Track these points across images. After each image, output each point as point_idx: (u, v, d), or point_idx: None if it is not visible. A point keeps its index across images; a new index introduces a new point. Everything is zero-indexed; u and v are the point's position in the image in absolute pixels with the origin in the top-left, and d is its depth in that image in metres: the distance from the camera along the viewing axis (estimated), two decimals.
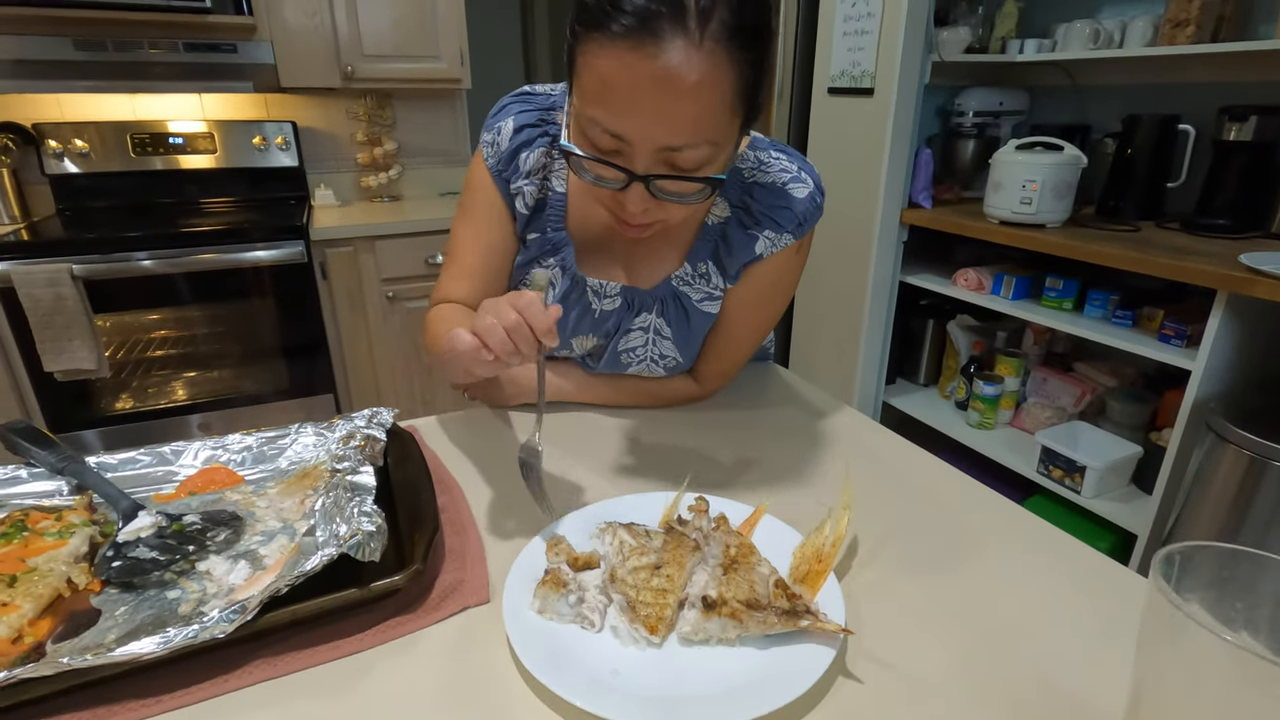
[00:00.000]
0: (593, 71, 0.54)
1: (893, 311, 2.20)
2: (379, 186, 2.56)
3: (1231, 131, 1.63)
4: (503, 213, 0.78)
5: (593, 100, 0.56)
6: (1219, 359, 1.44)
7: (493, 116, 0.76)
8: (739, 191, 0.75)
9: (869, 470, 0.74)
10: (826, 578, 0.53)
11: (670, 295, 0.79)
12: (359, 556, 0.49)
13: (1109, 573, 0.58)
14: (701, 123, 0.55)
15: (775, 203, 0.74)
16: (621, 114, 0.54)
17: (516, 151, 0.75)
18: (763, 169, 0.75)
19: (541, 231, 0.78)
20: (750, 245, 0.76)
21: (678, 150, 0.56)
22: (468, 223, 0.80)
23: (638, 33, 0.51)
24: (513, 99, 0.76)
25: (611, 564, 0.54)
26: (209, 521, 0.61)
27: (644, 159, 0.57)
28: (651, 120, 0.54)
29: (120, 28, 2.00)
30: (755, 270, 0.78)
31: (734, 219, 0.76)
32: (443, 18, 2.27)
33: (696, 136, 0.55)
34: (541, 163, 0.76)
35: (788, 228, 0.75)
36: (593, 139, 0.58)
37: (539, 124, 0.75)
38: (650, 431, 0.81)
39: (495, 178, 0.76)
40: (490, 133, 0.76)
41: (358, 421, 0.73)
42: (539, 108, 0.75)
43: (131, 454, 0.69)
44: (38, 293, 1.74)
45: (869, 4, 1.93)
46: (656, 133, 0.55)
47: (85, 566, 0.55)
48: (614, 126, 0.55)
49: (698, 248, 0.78)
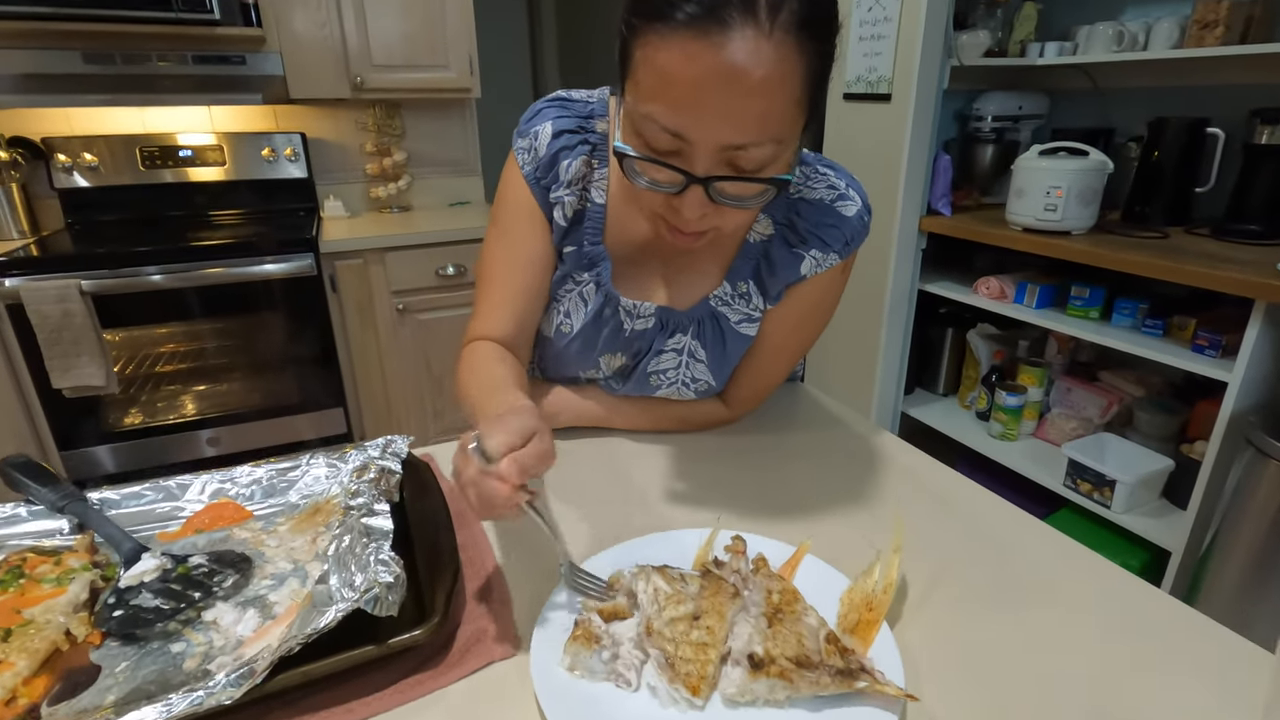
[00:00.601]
0: (651, 65, 0.50)
1: (911, 320, 2.16)
2: (388, 197, 2.54)
3: (1264, 135, 1.58)
4: (541, 223, 0.73)
5: (650, 96, 0.51)
6: (1257, 370, 1.39)
7: (527, 122, 0.72)
8: (784, 208, 0.71)
9: (912, 500, 0.70)
10: (879, 628, 0.49)
11: (708, 316, 0.75)
12: (375, 612, 0.45)
13: (1178, 616, 0.54)
14: (768, 119, 0.50)
15: (823, 220, 0.70)
16: (683, 110, 0.50)
17: (556, 158, 0.70)
18: (809, 184, 0.71)
19: (578, 245, 0.74)
20: (795, 265, 0.72)
21: (742, 149, 0.51)
22: (502, 240, 0.75)
23: (703, 21, 0.46)
24: (548, 104, 0.72)
25: (647, 614, 0.50)
26: (216, 563, 0.57)
27: (704, 159, 0.52)
28: (715, 117, 0.50)
29: (129, 40, 1.98)
30: (797, 291, 0.74)
31: (778, 236, 0.72)
32: (452, 27, 2.25)
33: (762, 134, 0.51)
34: (582, 172, 0.71)
35: (834, 247, 0.71)
36: (649, 139, 0.53)
37: (578, 130, 0.70)
38: (677, 460, 0.77)
39: (533, 185, 0.71)
40: (526, 138, 0.71)
41: (371, 451, 0.70)
42: (577, 115, 0.71)
43: (136, 489, 0.66)
44: (46, 309, 1.72)
45: (885, 8, 1.90)
46: (720, 130, 0.50)
47: (85, 616, 0.52)
48: (674, 124, 0.51)
49: (739, 265, 0.73)
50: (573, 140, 0.70)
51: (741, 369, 0.80)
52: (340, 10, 2.11)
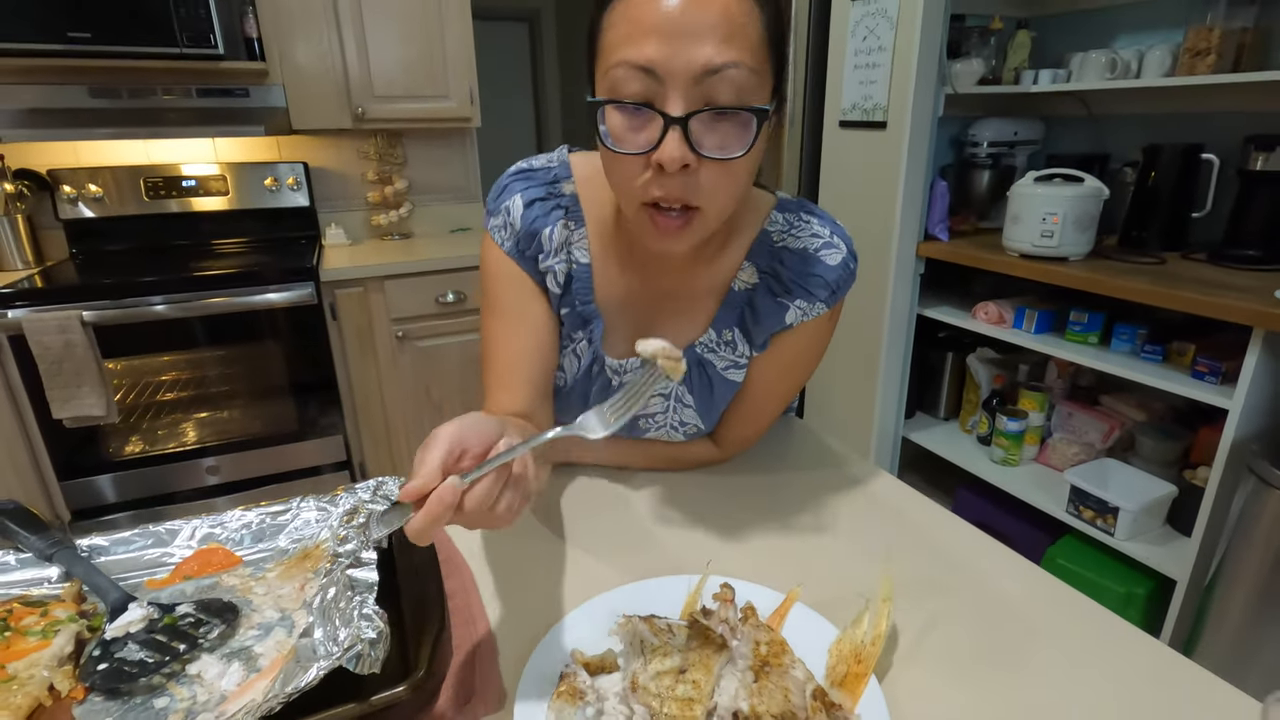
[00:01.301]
0: (618, 17, 0.53)
1: (910, 345, 2.16)
2: (389, 224, 2.56)
3: (1258, 161, 1.59)
4: (533, 289, 0.73)
5: (619, 44, 0.53)
6: (1258, 397, 1.38)
7: (495, 199, 0.72)
8: (768, 257, 0.71)
9: (904, 545, 0.69)
10: (867, 681, 0.49)
11: (694, 362, 0.75)
12: (358, 669, 0.45)
13: (1175, 668, 0.53)
14: (735, 39, 0.52)
15: (807, 270, 0.70)
16: (653, 41, 0.51)
17: (535, 231, 0.71)
18: (793, 233, 0.71)
19: (572, 306, 0.74)
20: (780, 314, 0.72)
21: (717, 72, 0.52)
22: (497, 317, 0.73)
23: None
24: (512, 178, 0.72)
25: (632, 667, 0.49)
26: (203, 612, 0.57)
27: (680, 95, 0.52)
28: (686, 41, 0.51)
29: (135, 75, 2.02)
30: (784, 339, 0.74)
31: (763, 286, 0.72)
32: (452, 58, 2.29)
33: (734, 53, 0.52)
34: (564, 236, 0.71)
35: (820, 296, 0.71)
36: (622, 90, 0.54)
37: (548, 197, 0.71)
38: (666, 503, 0.77)
39: (518, 258, 0.72)
40: (498, 215, 0.72)
41: (362, 494, 0.70)
42: (543, 182, 0.72)
43: (125, 535, 0.66)
44: (47, 340, 1.73)
45: (879, 38, 1.92)
46: (692, 54, 0.51)
47: (70, 669, 0.52)
48: (646, 57, 0.52)
49: (723, 315, 0.73)
50: (546, 208, 0.71)
51: (731, 412, 0.80)
52: (342, 43, 2.15)
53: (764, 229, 0.71)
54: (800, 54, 2.18)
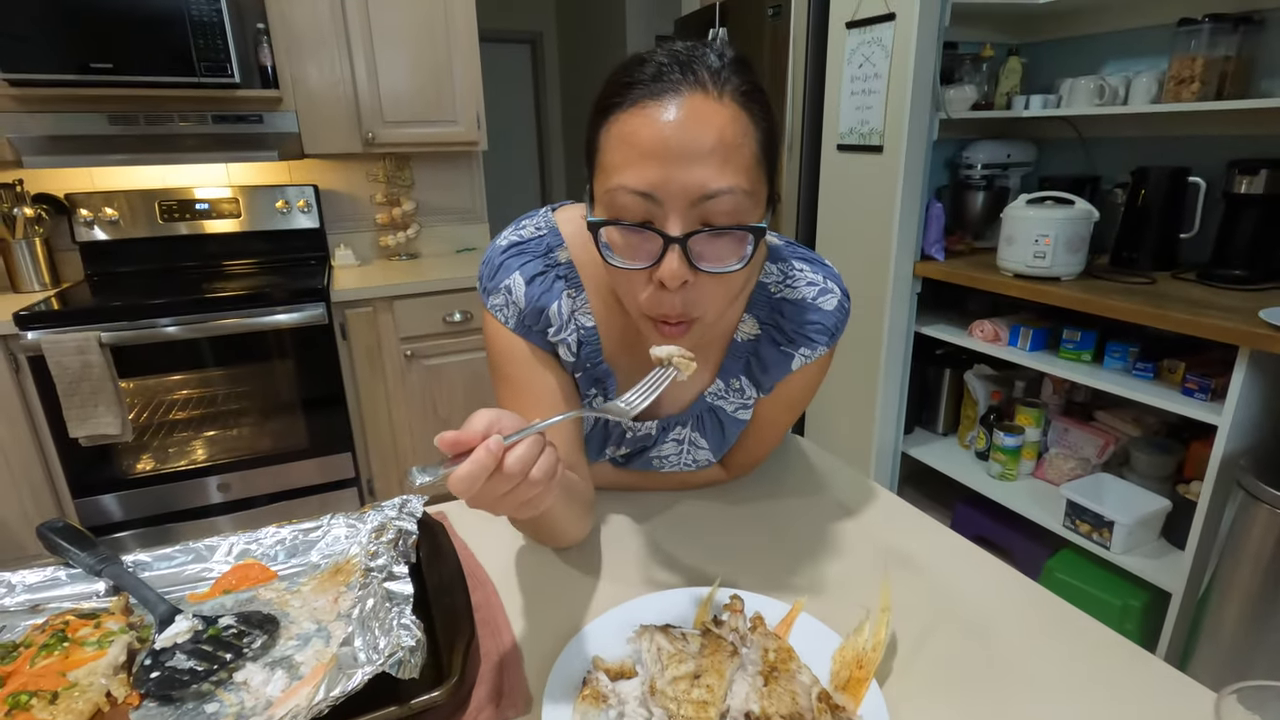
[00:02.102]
0: (618, 140, 0.54)
1: (909, 363, 2.20)
2: (397, 245, 2.61)
3: (1243, 185, 1.64)
4: (546, 359, 0.73)
5: (619, 167, 0.54)
6: (1245, 414, 1.42)
7: (491, 278, 0.71)
8: (767, 309, 0.74)
9: (903, 558, 0.73)
10: (869, 685, 0.52)
11: (705, 410, 0.79)
12: (399, 675, 0.49)
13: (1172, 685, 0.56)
14: (730, 166, 0.53)
15: (807, 319, 0.73)
16: (651, 165, 0.53)
17: (542, 307, 0.71)
18: (789, 283, 0.74)
19: (584, 369, 0.75)
20: (786, 363, 0.75)
21: (712, 198, 0.53)
22: (516, 393, 0.73)
23: (657, 91, 0.53)
24: (506, 255, 0.71)
25: (650, 673, 0.53)
26: (244, 624, 0.61)
27: (678, 217, 0.54)
28: (682, 166, 0.52)
29: (152, 103, 2.08)
30: (788, 379, 0.77)
31: (765, 336, 0.75)
32: (460, 83, 2.35)
33: (729, 178, 0.53)
34: (570, 306, 0.72)
35: (821, 342, 0.74)
36: (621, 212, 0.55)
37: (547, 270, 0.71)
38: (677, 521, 0.81)
39: (525, 333, 0.72)
40: (498, 294, 0.71)
41: (388, 512, 0.74)
42: (537, 254, 0.71)
43: (167, 550, 0.70)
44: (66, 360, 1.78)
45: (875, 65, 1.98)
46: (688, 180, 0.52)
47: (124, 678, 0.55)
48: (644, 183, 0.53)
49: (729, 365, 0.76)
50: (547, 282, 0.71)
51: (738, 443, 0.84)
52: (354, 70, 2.21)
53: (760, 281, 0.74)
54: (799, 80, 2.24)
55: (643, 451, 0.83)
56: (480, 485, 0.45)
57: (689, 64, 0.54)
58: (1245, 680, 0.40)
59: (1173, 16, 1.74)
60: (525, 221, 0.74)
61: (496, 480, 0.46)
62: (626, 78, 0.55)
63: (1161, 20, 1.85)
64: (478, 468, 0.44)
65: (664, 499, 0.85)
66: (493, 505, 0.48)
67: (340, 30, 2.16)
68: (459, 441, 0.46)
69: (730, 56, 0.56)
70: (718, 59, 0.55)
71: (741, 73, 0.55)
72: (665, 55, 0.55)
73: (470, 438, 0.46)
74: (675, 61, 0.54)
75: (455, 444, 0.46)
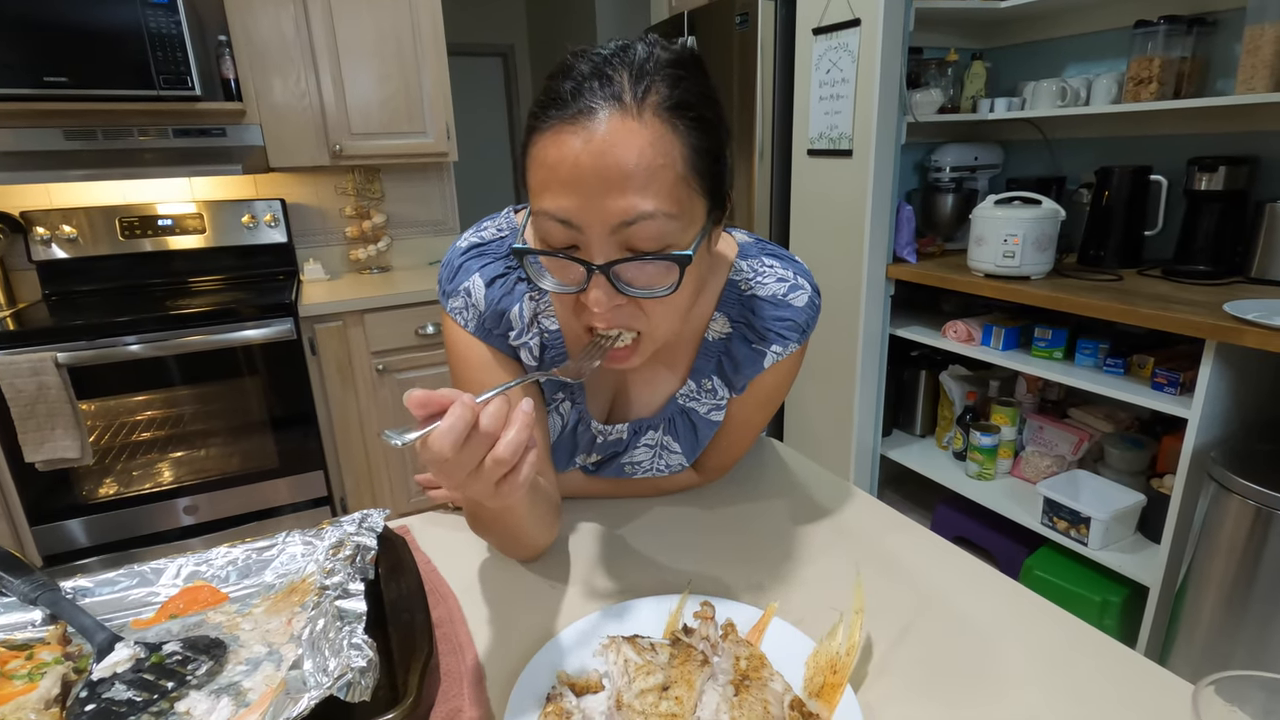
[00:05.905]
0: (538, 163, 0.53)
1: (884, 365, 2.21)
2: (368, 258, 2.58)
3: (1202, 181, 1.67)
4: (509, 363, 0.72)
5: (540, 191, 0.53)
6: (1214, 406, 1.44)
7: (451, 280, 0.70)
8: (738, 307, 0.73)
9: (878, 559, 0.72)
10: (843, 691, 0.50)
11: (677, 413, 0.77)
12: (348, 698, 0.46)
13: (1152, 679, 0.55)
14: (649, 192, 0.51)
15: (777, 315, 0.72)
16: (566, 192, 0.51)
17: (503, 310, 0.69)
18: (758, 280, 0.73)
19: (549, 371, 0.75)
20: (758, 361, 0.74)
21: (632, 225, 0.51)
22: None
23: (572, 113, 0.50)
24: (466, 257, 0.70)
25: (617, 686, 0.51)
26: (190, 650, 0.57)
27: (600, 245, 0.53)
28: (597, 194, 0.51)
29: (110, 117, 2.03)
30: (760, 378, 0.76)
31: (736, 335, 0.74)
32: (429, 95, 2.33)
33: (650, 202, 0.51)
34: (532, 309, 0.70)
35: (792, 338, 0.73)
36: (546, 237, 0.54)
37: (508, 272, 0.69)
38: (645, 526, 0.79)
39: (485, 337, 0.70)
40: (458, 297, 0.69)
41: (347, 527, 0.71)
42: (497, 256, 0.70)
43: (110, 575, 0.66)
44: (20, 383, 1.72)
45: (842, 70, 2.00)
46: (604, 207, 0.51)
47: (57, 712, 0.52)
48: (562, 210, 0.52)
49: (700, 365, 0.75)
50: (508, 284, 0.69)
51: (711, 444, 0.82)
52: (319, 81, 2.18)
53: (730, 279, 0.73)
54: (768, 86, 2.25)
55: (614, 458, 0.81)
56: (461, 444, 0.43)
57: (610, 77, 0.51)
58: (1224, 671, 0.39)
59: (1129, 19, 1.77)
60: (487, 223, 0.72)
61: (474, 442, 0.44)
62: (546, 95, 0.53)
63: (1119, 23, 1.89)
64: (458, 421, 0.43)
65: (636, 505, 0.82)
66: (467, 482, 0.46)
67: (305, 42, 2.14)
68: (429, 400, 0.44)
69: (662, 59, 0.53)
70: (645, 64, 0.52)
71: (672, 81, 0.52)
72: (588, 65, 0.52)
73: (440, 397, 0.44)
74: (596, 75, 0.52)
75: (425, 403, 0.44)
